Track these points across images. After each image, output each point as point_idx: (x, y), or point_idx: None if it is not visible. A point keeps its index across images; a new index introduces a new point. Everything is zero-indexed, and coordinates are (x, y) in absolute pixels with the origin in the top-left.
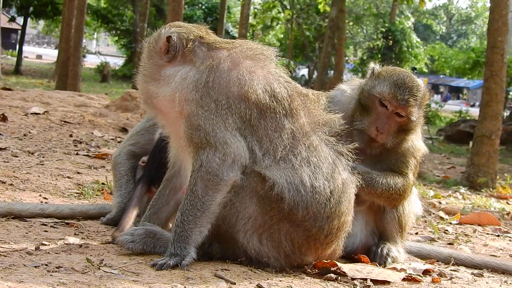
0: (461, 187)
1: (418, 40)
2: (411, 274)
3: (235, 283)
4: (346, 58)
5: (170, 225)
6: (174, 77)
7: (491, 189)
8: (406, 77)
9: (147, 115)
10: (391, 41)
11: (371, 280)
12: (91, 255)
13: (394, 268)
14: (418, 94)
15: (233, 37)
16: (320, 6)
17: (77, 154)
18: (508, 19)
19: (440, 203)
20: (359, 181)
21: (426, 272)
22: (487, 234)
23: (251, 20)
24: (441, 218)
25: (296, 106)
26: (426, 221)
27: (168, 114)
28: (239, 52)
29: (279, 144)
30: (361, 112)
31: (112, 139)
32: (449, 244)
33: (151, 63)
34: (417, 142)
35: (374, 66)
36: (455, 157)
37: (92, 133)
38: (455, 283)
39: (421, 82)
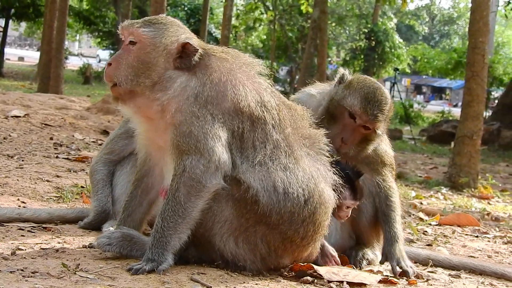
0: (442, 187)
1: (401, 40)
2: (387, 276)
3: (211, 287)
4: (329, 59)
5: (145, 226)
6: (173, 83)
7: (472, 189)
8: (377, 90)
9: (121, 122)
10: (373, 42)
11: (348, 282)
12: (67, 260)
13: (371, 271)
14: (386, 108)
15: (216, 38)
16: (302, 7)
17: (57, 157)
18: (489, 20)
19: (421, 203)
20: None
21: (402, 274)
22: (466, 235)
23: (233, 21)
24: (421, 219)
25: (283, 116)
26: (405, 223)
27: (153, 117)
28: (235, 64)
29: (261, 152)
30: (328, 120)
31: (93, 141)
32: (428, 245)
33: (153, 63)
34: (385, 148)
35: (344, 72)
36: (437, 157)
37: (73, 136)
38: (431, 284)
39: (388, 94)
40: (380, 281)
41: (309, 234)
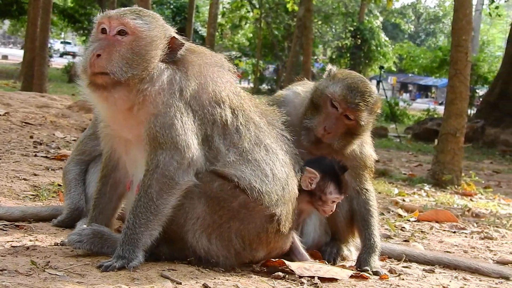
0: (426, 184)
1: (387, 39)
2: (358, 270)
3: (181, 283)
4: (315, 57)
5: (117, 223)
6: (161, 76)
7: (456, 186)
8: (360, 82)
9: (90, 123)
10: (359, 40)
11: (319, 278)
12: (38, 258)
13: (343, 266)
14: (369, 99)
15: (202, 37)
16: (288, 5)
17: (35, 155)
18: (474, 19)
19: (404, 200)
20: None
21: (374, 274)
22: (444, 230)
23: (219, 19)
24: (400, 215)
25: (253, 104)
26: (383, 219)
27: (130, 109)
28: (212, 59)
29: (246, 136)
30: (312, 111)
31: (74, 140)
32: (405, 241)
33: (147, 55)
34: (370, 151)
35: (331, 67)
36: (422, 155)
37: (54, 134)
38: (403, 279)
39: (374, 89)
40: (351, 276)
41: (287, 219)
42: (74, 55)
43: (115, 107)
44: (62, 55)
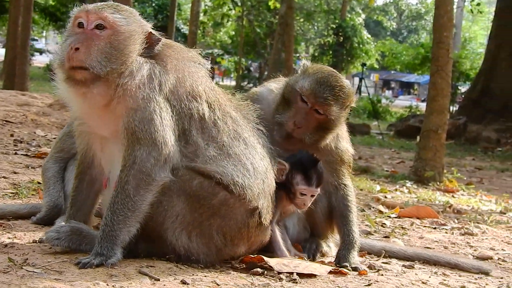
0: (408, 181)
1: (369, 36)
2: (337, 266)
3: (159, 280)
4: (298, 55)
5: (96, 220)
6: (141, 70)
7: (438, 183)
8: (330, 76)
9: (68, 121)
10: (342, 38)
11: (298, 274)
12: (15, 255)
13: (322, 262)
14: (339, 94)
15: (184, 35)
16: (270, 3)
17: (15, 153)
18: (456, 16)
19: (385, 197)
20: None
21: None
22: (424, 226)
23: (201, 17)
24: (380, 212)
25: (227, 101)
26: (364, 215)
27: (108, 104)
28: (188, 54)
29: (225, 130)
30: (283, 106)
31: (55, 138)
32: (385, 237)
33: (126, 50)
34: (346, 146)
35: (304, 62)
36: (404, 151)
37: (35, 133)
38: (382, 275)
39: (346, 84)
40: (330, 272)
41: (268, 212)
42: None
43: (92, 103)
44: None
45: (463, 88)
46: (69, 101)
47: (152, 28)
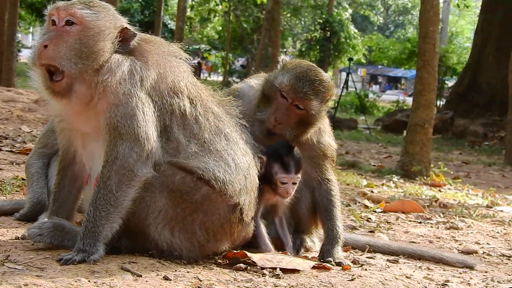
0: (395, 176)
1: (356, 31)
2: (321, 261)
3: (141, 276)
4: (285, 50)
5: (79, 216)
6: (121, 66)
7: (425, 177)
8: (309, 71)
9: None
10: (329, 33)
11: (281, 269)
12: None
13: (306, 257)
14: (319, 88)
15: (171, 30)
16: None
17: (0, 150)
18: (443, 10)
19: (372, 192)
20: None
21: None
22: (410, 221)
23: (188, 12)
24: (366, 206)
25: (209, 96)
26: (349, 210)
27: (88, 101)
28: (169, 49)
29: (206, 126)
30: (264, 103)
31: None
32: (370, 232)
33: (97, 46)
34: (329, 140)
35: (284, 57)
36: (391, 146)
37: (20, 129)
38: (365, 269)
39: (326, 77)
40: (313, 267)
41: (250, 208)
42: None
43: (72, 104)
44: None
45: (450, 83)
46: (47, 98)
47: (128, 23)
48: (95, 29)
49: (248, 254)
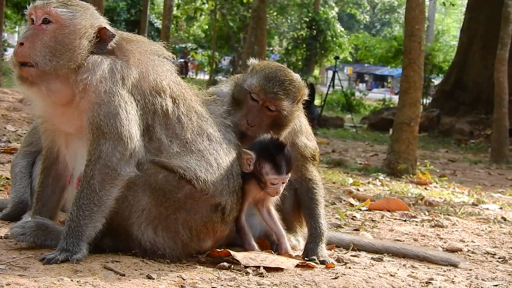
0: (381, 174)
1: (342, 29)
2: (305, 260)
3: (124, 275)
4: (271, 49)
5: (62, 216)
6: (101, 65)
7: (411, 176)
8: (278, 71)
9: None
10: (315, 31)
11: (265, 267)
12: None
13: (289, 255)
14: (289, 88)
15: (157, 29)
16: None
17: None
18: (429, 8)
19: (358, 190)
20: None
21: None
22: (395, 219)
23: (174, 11)
24: (351, 204)
25: (192, 95)
26: (334, 208)
27: (68, 101)
28: (151, 47)
29: (189, 126)
30: (234, 107)
31: (26, 133)
32: (355, 230)
33: (72, 45)
34: (304, 141)
35: (252, 61)
36: (378, 144)
37: (5, 128)
38: (349, 268)
39: (296, 77)
40: (297, 266)
41: (232, 208)
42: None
43: (51, 101)
44: None
45: (436, 81)
46: (30, 98)
47: (109, 23)
48: (70, 27)
49: (232, 252)
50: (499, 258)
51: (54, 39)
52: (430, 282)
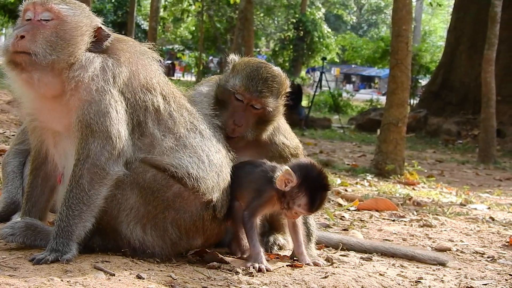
0: (368, 174)
1: (329, 30)
2: (294, 259)
3: (114, 274)
4: (258, 50)
5: (52, 216)
6: (93, 63)
7: (399, 176)
8: (260, 68)
9: None
10: (302, 32)
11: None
12: None
13: (278, 255)
14: (272, 84)
15: (144, 30)
16: None
17: None
18: (416, 9)
19: (346, 190)
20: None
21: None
22: (384, 219)
23: (161, 13)
24: (340, 204)
25: (181, 95)
26: (323, 208)
27: (58, 96)
28: (141, 48)
29: (181, 121)
30: (218, 108)
31: (13, 135)
32: (344, 230)
33: (73, 41)
34: (279, 139)
35: (233, 57)
36: (365, 145)
37: None
38: (337, 267)
39: (278, 72)
40: (287, 265)
41: (223, 206)
42: None
43: (39, 93)
44: None
45: (424, 81)
46: (19, 94)
47: (103, 24)
48: (72, 24)
49: (220, 256)
50: (488, 257)
51: (56, 34)
52: (419, 281)
